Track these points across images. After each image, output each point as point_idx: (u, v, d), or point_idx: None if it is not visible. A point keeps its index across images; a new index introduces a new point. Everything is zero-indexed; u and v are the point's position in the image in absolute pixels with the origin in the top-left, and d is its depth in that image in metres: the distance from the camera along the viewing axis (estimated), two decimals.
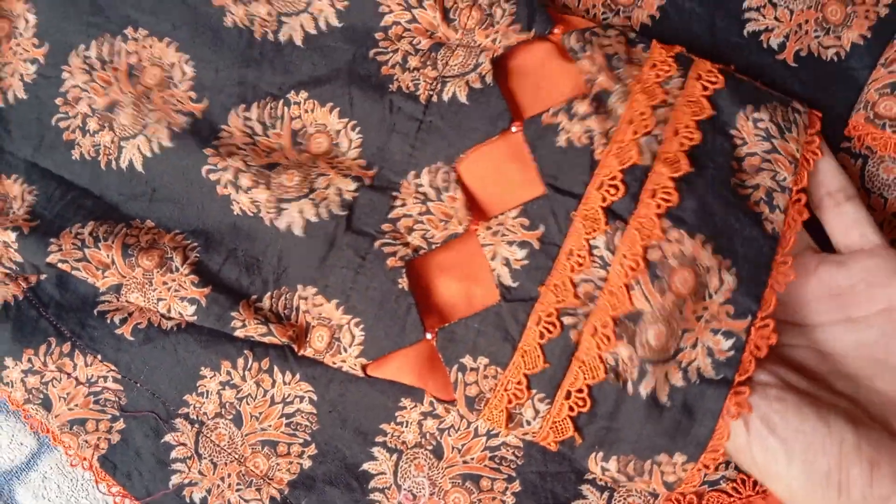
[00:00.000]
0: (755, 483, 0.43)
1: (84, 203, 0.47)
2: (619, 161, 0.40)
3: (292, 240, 0.44)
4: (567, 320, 0.40)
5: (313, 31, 0.46)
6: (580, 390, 0.39)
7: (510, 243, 0.41)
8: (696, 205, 0.39)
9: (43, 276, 0.48)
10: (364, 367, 0.43)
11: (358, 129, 0.45)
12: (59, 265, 0.45)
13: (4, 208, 0.48)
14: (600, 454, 0.39)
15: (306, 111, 0.46)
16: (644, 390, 0.38)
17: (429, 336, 0.42)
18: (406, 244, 0.43)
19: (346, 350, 0.43)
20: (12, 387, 0.47)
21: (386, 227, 0.44)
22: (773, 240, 0.40)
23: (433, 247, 0.43)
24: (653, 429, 0.38)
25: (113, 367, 0.47)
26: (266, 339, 0.43)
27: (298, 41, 0.46)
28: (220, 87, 0.47)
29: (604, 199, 0.40)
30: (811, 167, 0.42)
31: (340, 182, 0.44)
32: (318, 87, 0.46)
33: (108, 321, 0.47)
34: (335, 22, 0.46)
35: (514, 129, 0.43)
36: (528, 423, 0.40)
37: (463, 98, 0.43)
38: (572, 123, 0.42)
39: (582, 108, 0.42)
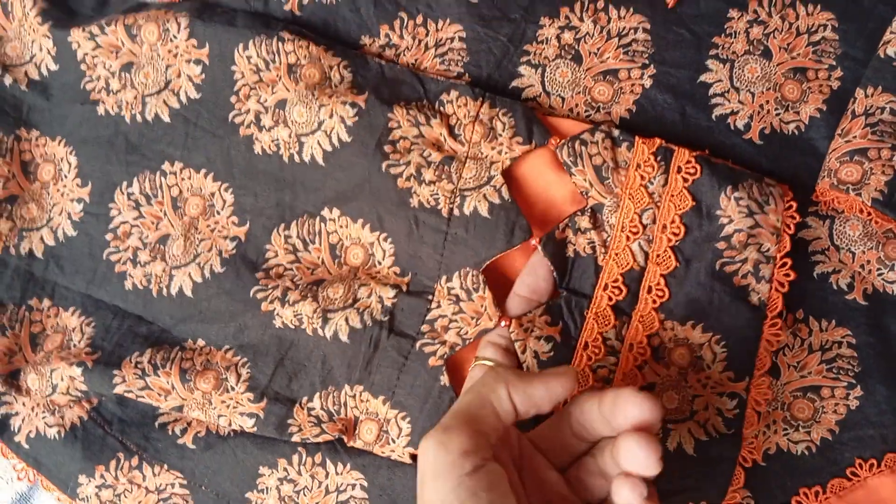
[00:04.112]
0: None
1: (139, 330, 0.52)
2: (618, 266, 0.49)
3: (338, 345, 0.49)
4: None
5: (329, 148, 0.51)
6: None
7: (538, 338, 0.48)
8: (684, 298, 0.48)
9: (103, 397, 0.52)
10: (412, 455, 0.48)
11: (389, 240, 0.51)
12: (125, 395, 0.49)
13: (65, 341, 0.53)
14: None
15: (341, 227, 0.51)
16: (671, 445, 0.47)
17: None
18: (443, 342, 0.50)
19: (394, 441, 0.48)
20: (88, 501, 0.52)
21: (424, 328, 0.50)
22: (757, 309, 0.48)
23: (467, 342, 0.49)
24: (682, 479, 0.47)
25: (179, 475, 0.52)
26: (320, 439, 0.48)
27: (319, 159, 0.51)
28: (260, 210, 0.52)
29: (610, 299, 0.49)
30: (792, 230, 0.49)
31: (381, 290, 0.49)
32: (346, 204, 0.52)
33: (170, 432, 0.52)
34: (346, 137, 0.51)
35: (533, 242, 0.50)
36: None
37: (484, 212, 0.50)
38: (577, 237, 0.50)
39: (583, 222, 0.50)
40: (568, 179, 0.51)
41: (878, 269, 0.51)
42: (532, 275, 0.50)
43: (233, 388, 0.50)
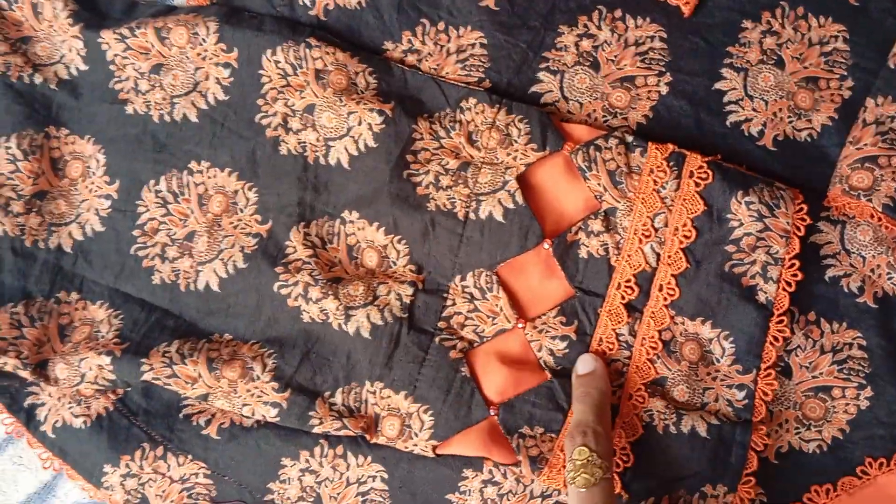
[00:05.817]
0: None
1: (166, 323, 0.54)
2: (631, 267, 0.52)
3: (360, 341, 0.51)
4: None
5: (355, 153, 0.53)
6: (623, 448, 0.47)
7: (553, 338, 0.52)
8: (694, 297, 0.51)
9: (128, 388, 0.54)
10: (434, 448, 0.49)
11: (403, 241, 0.54)
12: (153, 382, 0.51)
13: (92, 333, 0.54)
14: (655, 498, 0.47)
15: (359, 229, 0.53)
16: (685, 428, 0.50)
17: (491, 412, 0.49)
18: (461, 338, 0.52)
19: (416, 435, 0.50)
20: (112, 490, 0.54)
21: (441, 324, 0.53)
22: (765, 308, 0.51)
23: (485, 340, 0.52)
24: (697, 459, 0.49)
25: (203, 465, 0.53)
26: (341, 433, 0.50)
27: (345, 163, 0.53)
28: (282, 208, 0.54)
29: (623, 297, 0.52)
30: (802, 233, 0.51)
31: (399, 288, 0.51)
32: (365, 208, 0.55)
33: (194, 423, 0.53)
34: (372, 143, 0.53)
35: (545, 245, 0.53)
36: None
37: (499, 217, 0.52)
38: (590, 239, 0.53)
39: (596, 225, 0.52)
40: (580, 185, 0.53)
41: (888, 273, 0.53)
42: None
43: (258, 377, 0.52)
